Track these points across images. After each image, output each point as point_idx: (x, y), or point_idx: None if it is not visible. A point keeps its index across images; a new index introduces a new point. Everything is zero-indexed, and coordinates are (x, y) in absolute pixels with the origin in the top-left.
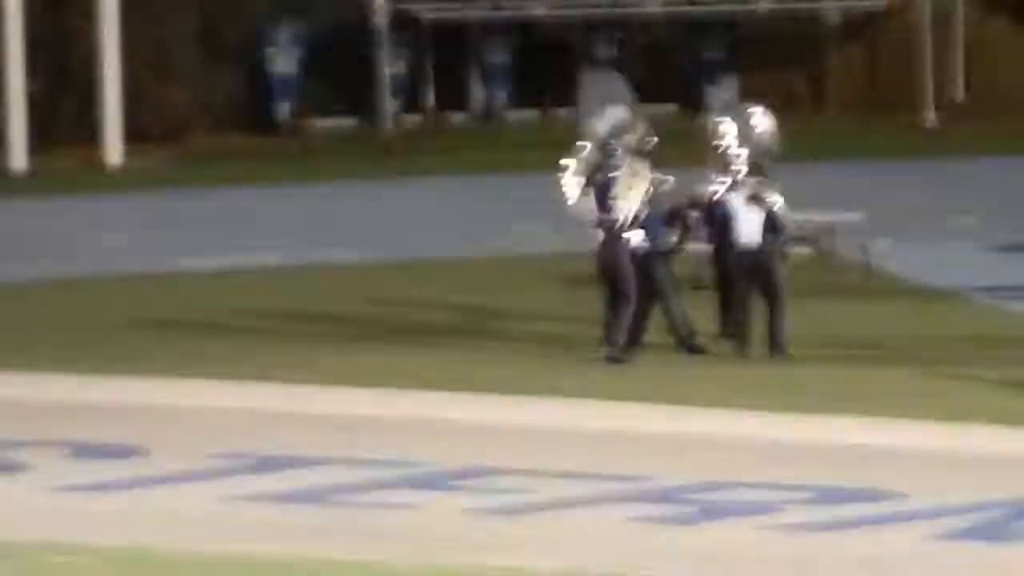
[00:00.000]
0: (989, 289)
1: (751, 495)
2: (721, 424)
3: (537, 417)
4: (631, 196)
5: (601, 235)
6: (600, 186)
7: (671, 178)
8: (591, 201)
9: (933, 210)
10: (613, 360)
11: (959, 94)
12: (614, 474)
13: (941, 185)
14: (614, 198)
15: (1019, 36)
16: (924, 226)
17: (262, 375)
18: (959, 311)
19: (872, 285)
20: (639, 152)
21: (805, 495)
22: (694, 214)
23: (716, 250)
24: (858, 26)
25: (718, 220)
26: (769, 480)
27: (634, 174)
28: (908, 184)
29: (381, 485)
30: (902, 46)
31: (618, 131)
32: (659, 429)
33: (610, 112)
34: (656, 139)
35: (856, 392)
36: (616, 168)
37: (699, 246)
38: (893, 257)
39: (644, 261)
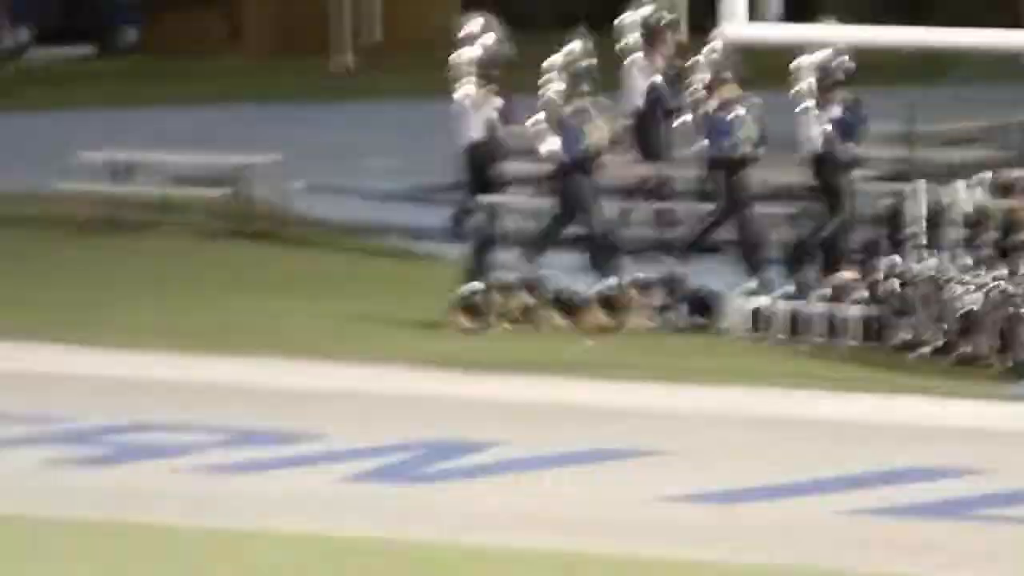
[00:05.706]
0: (403, 230)
1: (167, 437)
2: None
3: None
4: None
5: None
6: None
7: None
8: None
9: (349, 153)
10: None
11: (376, 36)
12: (26, 414)
13: (357, 128)
14: None
15: None
16: (340, 169)
17: None
18: (374, 253)
19: (288, 227)
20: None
21: (223, 436)
22: None
23: None
24: None
25: None
26: (188, 422)
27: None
28: (324, 127)
29: None
30: None
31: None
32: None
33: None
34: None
35: (277, 333)
36: None
37: None
38: (309, 199)
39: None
